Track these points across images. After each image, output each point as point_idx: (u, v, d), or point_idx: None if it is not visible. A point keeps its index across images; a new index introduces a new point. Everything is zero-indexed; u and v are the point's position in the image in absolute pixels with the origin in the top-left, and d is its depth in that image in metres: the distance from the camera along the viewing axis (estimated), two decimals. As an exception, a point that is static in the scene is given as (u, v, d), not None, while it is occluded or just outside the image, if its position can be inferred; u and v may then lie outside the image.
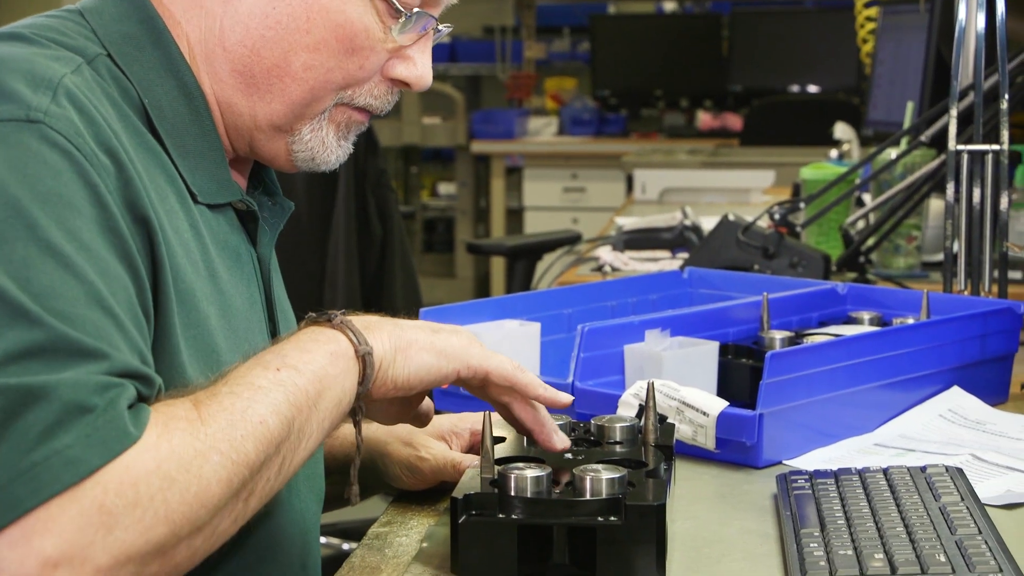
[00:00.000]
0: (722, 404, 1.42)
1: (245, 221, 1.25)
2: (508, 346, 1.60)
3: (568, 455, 1.20)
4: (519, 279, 3.50)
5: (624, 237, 2.95)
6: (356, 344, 1.08)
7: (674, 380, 1.46)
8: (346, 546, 3.12)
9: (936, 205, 2.65)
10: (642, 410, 1.23)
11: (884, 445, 1.49)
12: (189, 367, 1.10)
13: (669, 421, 1.34)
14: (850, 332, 1.65)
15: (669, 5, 7.34)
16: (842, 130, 3.64)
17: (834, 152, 3.58)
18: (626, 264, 2.82)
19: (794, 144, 5.55)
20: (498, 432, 1.22)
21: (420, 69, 1.23)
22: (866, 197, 2.89)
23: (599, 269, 2.80)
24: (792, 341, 1.65)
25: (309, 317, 1.11)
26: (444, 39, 1.29)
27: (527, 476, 1.09)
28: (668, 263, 2.77)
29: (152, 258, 1.08)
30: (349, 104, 1.23)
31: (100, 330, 0.97)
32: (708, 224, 2.73)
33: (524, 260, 3.52)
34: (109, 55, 1.16)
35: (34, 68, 1.06)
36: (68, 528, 0.90)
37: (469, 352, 1.15)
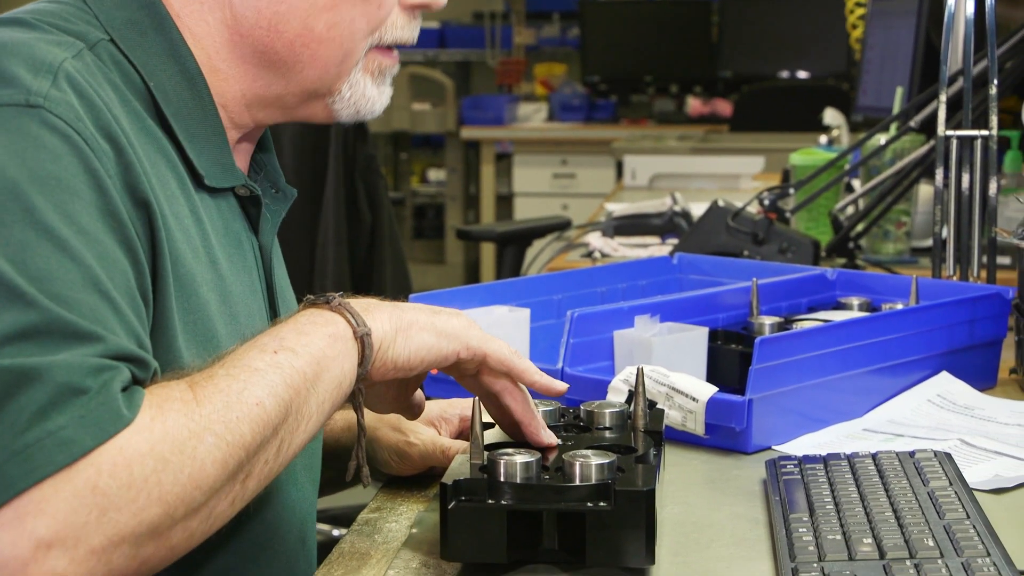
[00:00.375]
0: (711, 390, 1.43)
1: (247, 208, 1.25)
2: (498, 332, 1.59)
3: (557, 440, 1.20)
4: (509, 265, 3.50)
5: (614, 223, 2.95)
6: (355, 326, 1.08)
7: (663, 366, 1.46)
8: (336, 532, 3.12)
9: (925, 191, 2.65)
10: (631, 396, 1.23)
11: (873, 430, 1.50)
12: (186, 352, 1.10)
13: (658, 407, 1.34)
14: (839, 318, 1.65)
15: (659, -9, 7.33)
16: (832, 116, 3.64)
17: (824, 138, 3.58)
18: (616, 250, 2.82)
19: (784, 130, 5.55)
20: (487, 418, 1.22)
21: None
22: (855, 183, 2.89)
23: (589, 255, 2.80)
24: (781, 327, 1.65)
25: (307, 300, 1.11)
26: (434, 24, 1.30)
27: (516, 462, 1.09)
28: (658, 249, 2.77)
29: (152, 243, 1.08)
30: (379, 46, 1.24)
31: (96, 313, 0.97)
32: (698, 210, 2.74)
33: (514, 246, 3.52)
34: (111, 40, 1.15)
35: (35, 53, 1.06)
36: (61, 509, 0.90)
37: (469, 333, 1.15)
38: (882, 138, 2.52)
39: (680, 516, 1.24)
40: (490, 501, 1.08)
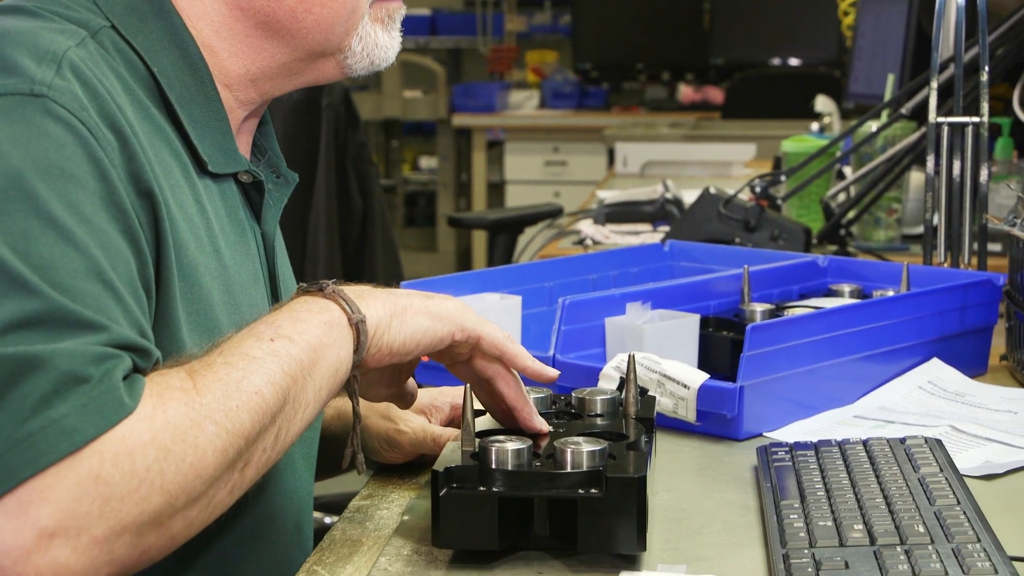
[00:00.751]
0: (703, 376, 1.43)
1: (249, 194, 1.25)
2: (489, 319, 1.59)
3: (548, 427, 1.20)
4: (500, 252, 3.50)
5: (605, 210, 2.95)
6: (349, 313, 1.08)
7: (655, 353, 1.46)
8: (327, 520, 3.12)
9: (916, 178, 2.65)
10: (623, 383, 1.24)
11: (864, 417, 1.50)
12: (190, 342, 1.10)
13: (650, 394, 1.34)
14: (830, 304, 1.65)
15: (651, -22, 7.32)
16: (823, 103, 3.64)
17: (815, 125, 3.58)
18: (607, 237, 2.81)
19: (775, 117, 5.55)
20: (478, 405, 1.22)
21: None
22: (847, 170, 2.90)
23: (580, 242, 2.80)
24: (773, 314, 1.65)
25: (301, 287, 1.11)
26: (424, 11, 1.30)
27: (508, 449, 1.09)
28: (649, 236, 2.77)
29: (156, 232, 1.08)
30: None
31: (99, 302, 0.97)
32: (689, 197, 2.73)
33: (505, 233, 3.52)
34: (113, 27, 1.15)
35: (38, 41, 1.06)
36: (65, 498, 0.90)
37: (464, 316, 1.15)
38: (873, 125, 2.52)
39: (671, 503, 1.24)
40: (481, 488, 1.08)
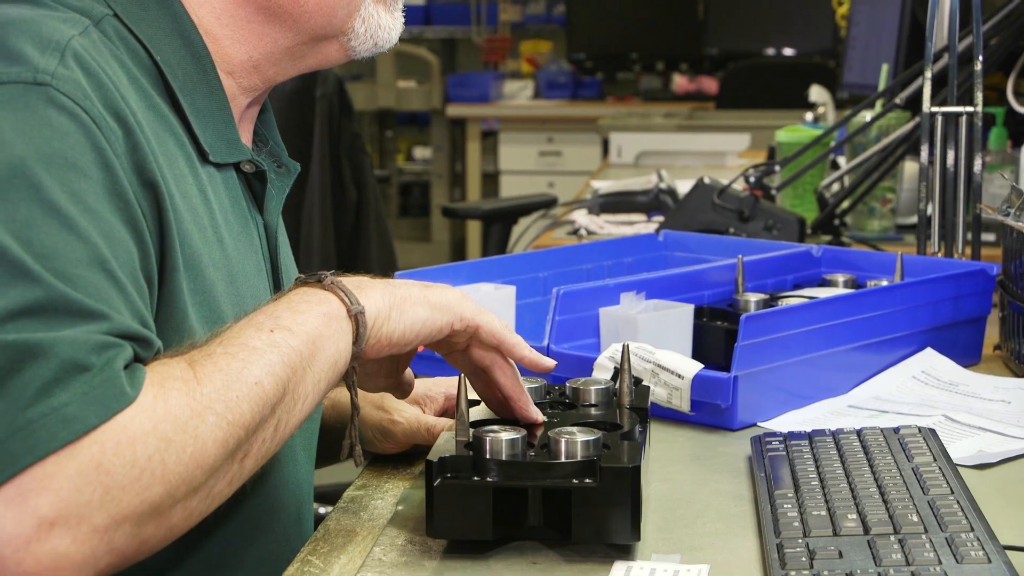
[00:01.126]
0: (697, 366, 1.43)
1: (251, 184, 1.25)
2: (483, 309, 1.60)
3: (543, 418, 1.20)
4: (495, 243, 3.50)
5: (599, 200, 2.95)
6: (348, 304, 1.08)
7: (649, 343, 1.46)
8: (322, 510, 3.12)
9: (910, 167, 2.65)
10: (617, 373, 1.24)
11: (858, 407, 1.50)
12: (199, 332, 1.10)
13: (644, 384, 1.34)
14: (824, 294, 1.65)
15: (645, -32, 7.31)
16: (817, 93, 3.64)
17: (809, 115, 3.58)
18: (601, 227, 2.81)
19: (769, 107, 5.55)
20: (473, 395, 1.21)
21: None
22: (841, 160, 2.90)
23: (574, 232, 2.80)
24: (767, 303, 1.65)
25: (299, 278, 1.11)
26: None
27: (502, 439, 1.09)
28: (643, 226, 2.77)
29: (159, 223, 1.08)
30: None
31: (100, 292, 0.97)
32: (683, 187, 2.73)
33: (499, 224, 3.52)
34: (115, 15, 1.14)
35: (42, 30, 1.05)
36: (65, 486, 0.90)
37: (463, 305, 1.15)
38: (867, 115, 2.52)
39: (665, 493, 1.24)
40: (475, 478, 1.08)
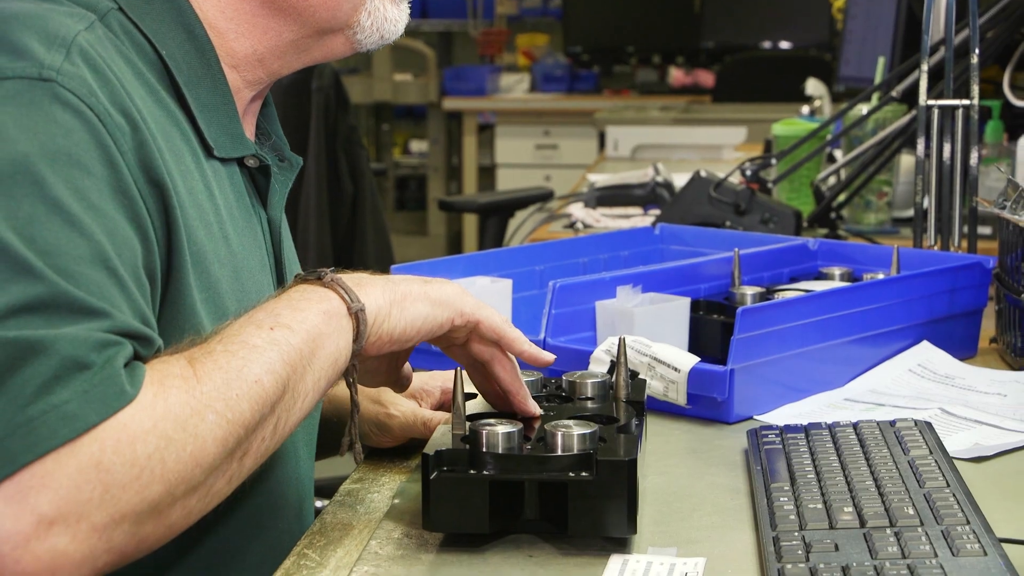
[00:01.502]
0: (693, 360, 1.43)
1: (255, 179, 1.25)
2: (480, 303, 1.60)
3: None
4: (491, 236, 3.50)
5: (596, 194, 2.95)
6: (348, 302, 1.07)
7: (645, 336, 1.47)
8: (318, 503, 3.12)
9: (907, 161, 2.65)
10: (613, 366, 1.24)
11: (854, 400, 1.50)
12: (207, 328, 1.09)
13: (640, 377, 1.34)
14: (821, 288, 1.65)
15: (641, -39, 7.30)
16: (814, 86, 3.64)
17: (806, 108, 3.58)
18: (598, 221, 2.81)
19: (766, 100, 5.54)
20: (469, 389, 1.22)
21: None
22: (837, 153, 2.90)
23: (571, 226, 2.80)
24: (763, 297, 1.65)
25: (299, 275, 1.10)
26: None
27: (498, 432, 1.09)
28: (640, 219, 2.77)
29: (166, 220, 1.07)
30: None
31: (102, 289, 0.97)
32: (680, 180, 2.73)
33: (496, 217, 3.52)
34: (120, 9, 1.14)
35: (47, 25, 1.05)
36: (65, 484, 0.89)
37: (463, 300, 1.14)
38: (864, 108, 2.52)
39: (662, 486, 1.24)
40: (472, 471, 1.08)
